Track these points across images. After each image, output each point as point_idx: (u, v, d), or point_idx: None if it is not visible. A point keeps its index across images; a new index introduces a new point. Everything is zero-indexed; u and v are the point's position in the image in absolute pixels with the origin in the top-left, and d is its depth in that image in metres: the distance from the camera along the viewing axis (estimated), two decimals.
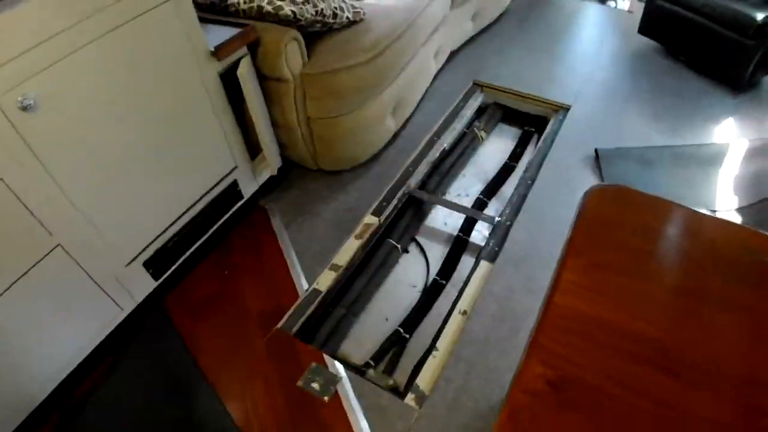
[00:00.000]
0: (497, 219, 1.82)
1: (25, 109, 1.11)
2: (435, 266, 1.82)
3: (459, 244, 1.86)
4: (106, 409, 1.45)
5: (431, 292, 1.73)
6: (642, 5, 2.50)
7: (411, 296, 1.74)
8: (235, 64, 1.58)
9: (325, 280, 1.66)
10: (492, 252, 1.70)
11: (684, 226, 0.77)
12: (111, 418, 1.44)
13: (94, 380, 1.52)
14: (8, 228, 1.18)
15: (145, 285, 1.58)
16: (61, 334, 1.40)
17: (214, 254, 1.80)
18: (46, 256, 1.29)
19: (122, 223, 1.44)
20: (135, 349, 1.56)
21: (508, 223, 1.79)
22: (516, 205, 1.85)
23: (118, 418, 1.43)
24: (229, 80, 1.59)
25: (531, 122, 2.33)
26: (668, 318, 0.66)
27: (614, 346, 0.62)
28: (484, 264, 1.67)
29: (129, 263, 1.50)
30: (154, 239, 1.55)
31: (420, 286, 1.77)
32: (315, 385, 1.43)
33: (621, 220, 0.77)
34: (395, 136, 2.15)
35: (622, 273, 0.70)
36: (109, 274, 1.45)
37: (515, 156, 2.19)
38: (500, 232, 1.76)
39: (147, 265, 1.55)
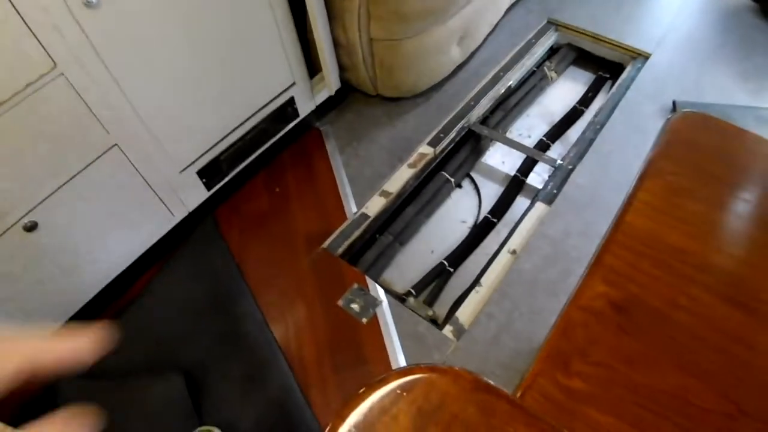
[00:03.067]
0: (559, 162, 1.73)
1: (88, 4, 1.10)
2: (488, 204, 1.76)
3: (515, 185, 1.79)
4: (152, 312, 1.50)
5: (481, 230, 1.68)
6: None
7: (459, 231, 1.70)
8: None
9: (375, 205, 1.64)
10: (550, 194, 1.62)
11: None
12: (155, 322, 1.48)
13: (142, 284, 1.57)
14: (67, 124, 1.19)
15: (197, 194, 1.59)
16: (114, 237, 1.43)
17: (265, 171, 1.80)
18: (103, 154, 1.30)
19: (178, 129, 1.44)
20: (184, 256, 1.59)
21: (571, 167, 1.70)
22: (581, 150, 1.74)
23: (162, 322, 1.48)
24: None
25: (606, 67, 2.17)
26: (748, 252, 0.59)
27: (686, 274, 0.57)
28: (540, 205, 1.60)
29: (183, 170, 1.51)
30: (209, 149, 1.55)
31: (470, 222, 1.72)
32: (355, 306, 1.43)
33: (706, 147, 0.69)
34: (459, 67, 2.05)
35: (701, 200, 0.63)
36: (163, 178, 1.46)
37: (585, 101, 2.06)
38: (561, 176, 1.68)
39: (201, 174, 1.56)
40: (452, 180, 1.78)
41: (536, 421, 0.38)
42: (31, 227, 1.23)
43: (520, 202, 1.75)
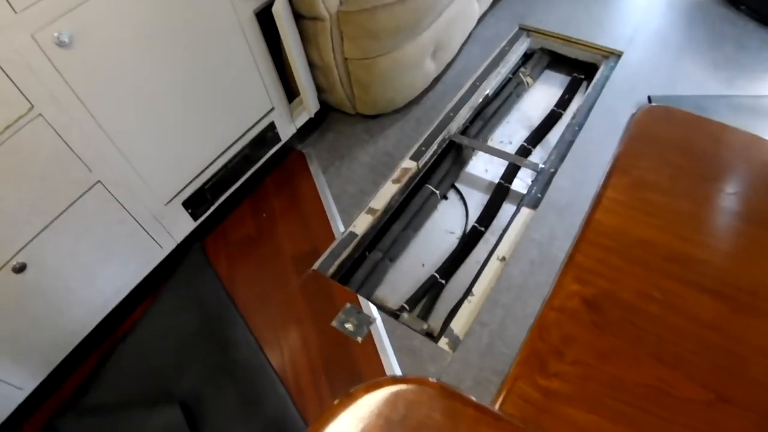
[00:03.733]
0: (541, 166, 1.74)
1: (61, 45, 1.11)
2: (474, 213, 1.78)
3: (500, 192, 1.80)
4: (146, 345, 1.50)
5: (469, 239, 1.69)
6: None
7: (448, 242, 1.71)
8: (271, 2, 1.54)
9: (362, 223, 1.64)
10: (534, 198, 1.63)
11: (738, 147, 0.70)
12: (149, 354, 1.48)
13: (135, 318, 1.57)
14: (49, 164, 1.20)
15: (184, 225, 1.59)
16: (103, 273, 1.43)
17: (251, 197, 1.80)
18: (86, 192, 1.31)
19: (160, 162, 1.44)
20: (174, 287, 1.59)
21: (552, 170, 1.71)
22: (561, 152, 1.76)
23: (156, 354, 1.47)
24: (265, 20, 1.55)
25: (580, 69, 2.21)
26: (718, 240, 0.60)
27: (657, 266, 0.58)
28: (525, 210, 1.61)
29: (168, 202, 1.51)
30: (193, 179, 1.55)
31: (458, 233, 1.73)
32: (348, 326, 1.43)
33: (670, 140, 0.71)
34: (436, 80, 2.07)
35: (668, 193, 0.64)
36: (149, 212, 1.46)
37: (562, 103, 2.09)
38: (544, 179, 1.69)
39: (186, 204, 1.56)
40: (437, 192, 1.79)
41: (505, 423, 0.38)
42: (20, 268, 1.23)
43: (507, 209, 1.76)
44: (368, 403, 0.38)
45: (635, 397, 0.49)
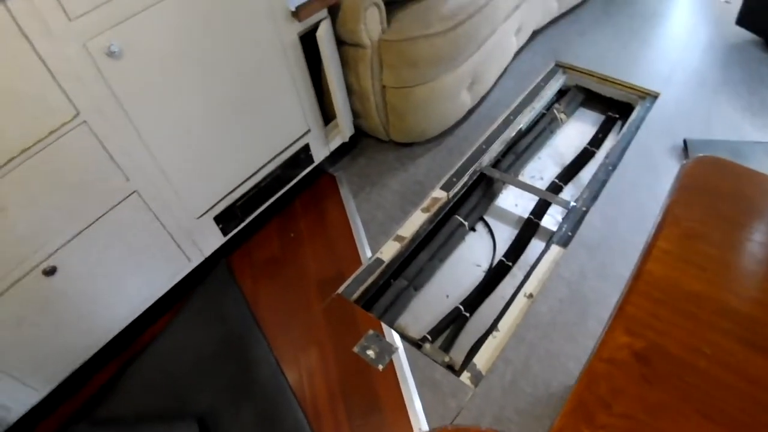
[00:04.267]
0: (572, 204, 1.73)
1: (111, 55, 1.14)
2: (502, 247, 1.76)
3: (529, 227, 1.79)
4: (166, 357, 1.50)
5: (496, 273, 1.67)
6: None
7: (474, 275, 1.69)
8: (315, 27, 1.57)
9: (389, 250, 1.64)
10: (565, 236, 1.62)
11: None
12: (168, 367, 1.48)
13: (156, 329, 1.57)
14: (88, 170, 1.23)
15: (213, 239, 1.61)
16: (130, 282, 1.44)
17: (280, 217, 1.82)
18: (122, 201, 1.33)
19: (196, 176, 1.47)
20: (198, 302, 1.60)
21: (584, 208, 1.70)
22: (594, 191, 1.75)
23: (175, 368, 1.47)
24: (307, 43, 1.58)
25: (615, 107, 2.20)
26: (765, 295, 0.59)
27: (706, 320, 0.56)
28: (555, 248, 1.59)
29: (200, 216, 1.53)
30: (226, 195, 1.57)
31: (485, 266, 1.71)
32: (370, 353, 1.41)
33: (720, 192, 0.69)
34: (470, 112, 2.08)
35: (718, 245, 0.63)
36: (180, 224, 1.48)
37: (596, 141, 2.08)
38: (575, 217, 1.68)
39: (217, 220, 1.58)
40: (466, 223, 1.79)
41: None
42: (50, 272, 1.25)
43: (535, 245, 1.74)
44: None
45: None
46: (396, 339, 1.44)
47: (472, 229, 1.83)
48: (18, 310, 1.24)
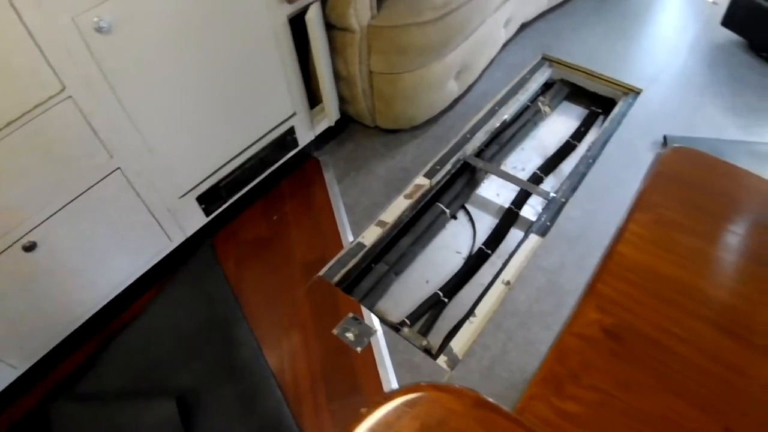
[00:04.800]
0: (552, 194, 1.76)
1: (99, 30, 1.13)
2: (482, 235, 1.79)
3: (509, 217, 1.81)
4: (147, 336, 1.50)
5: (476, 260, 1.70)
6: None
7: (454, 262, 1.72)
8: (304, 10, 1.56)
9: (371, 234, 1.66)
10: (543, 226, 1.65)
11: (761, 194, 0.72)
12: (149, 346, 1.48)
13: (136, 308, 1.57)
14: (73, 146, 1.22)
15: (196, 219, 1.61)
16: (111, 259, 1.44)
17: (263, 199, 1.82)
18: (105, 177, 1.32)
19: (180, 155, 1.46)
20: (181, 281, 1.60)
21: (564, 199, 1.73)
22: (574, 183, 1.78)
23: (156, 346, 1.48)
24: (296, 26, 1.58)
25: (598, 103, 2.23)
26: (736, 282, 0.62)
27: (676, 302, 0.59)
28: (533, 237, 1.62)
29: (183, 195, 1.53)
30: (209, 175, 1.57)
31: (465, 253, 1.74)
32: (349, 335, 1.43)
33: (695, 182, 0.72)
34: (456, 101, 2.10)
35: (690, 233, 0.66)
36: (163, 203, 1.48)
37: (578, 135, 2.11)
38: (554, 208, 1.71)
39: (200, 200, 1.58)
40: (448, 211, 1.81)
41: None
42: (30, 247, 1.24)
43: (514, 234, 1.77)
44: (406, 405, 0.39)
45: (647, 425, 0.50)
46: (375, 322, 1.46)
47: (454, 216, 1.85)
48: (7, 277, 1.24)
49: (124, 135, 1.30)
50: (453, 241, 1.78)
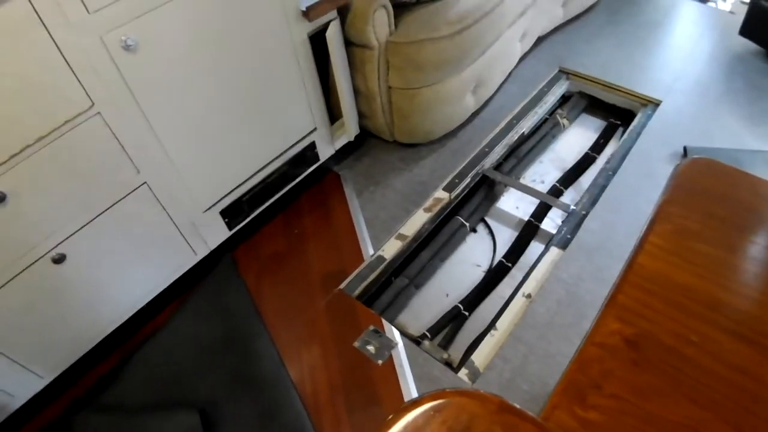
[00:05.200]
0: (572, 207, 1.76)
1: (127, 48, 1.18)
2: (502, 248, 1.79)
3: (529, 230, 1.82)
4: (169, 348, 1.52)
5: (495, 274, 1.70)
6: (745, 7, 2.33)
7: (474, 275, 1.72)
8: (324, 27, 1.60)
9: (391, 248, 1.67)
10: (564, 239, 1.65)
11: None
12: (171, 358, 1.50)
13: (159, 321, 1.60)
14: (101, 161, 1.26)
15: (219, 233, 1.64)
16: (137, 270, 1.47)
17: (284, 213, 1.85)
18: (131, 192, 1.36)
19: (204, 170, 1.50)
20: (202, 294, 1.63)
21: (584, 212, 1.72)
22: (594, 196, 1.78)
23: (178, 359, 1.50)
24: (316, 42, 1.61)
25: (617, 114, 2.23)
26: (753, 290, 0.62)
27: (696, 312, 0.59)
28: (554, 250, 1.62)
29: (207, 210, 1.56)
30: (233, 190, 1.60)
31: (485, 266, 1.74)
32: (370, 348, 1.44)
33: (714, 192, 0.72)
34: (474, 115, 2.12)
35: (710, 242, 0.66)
36: (187, 217, 1.51)
37: (597, 147, 2.11)
38: (574, 221, 1.71)
39: (223, 214, 1.61)
40: (467, 224, 1.82)
41: None
42: (59, 259, 1.28)
43: (534, 247, 1.77)
44: (433, 410, 0.40)
45: None
46: (396, 335, 1.47)
47: (473, 230, 1.86)
48: (26, 296, 1.27)
49: (151, 150, 1.34)
50: (473, 255, 1.79)
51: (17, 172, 1.12)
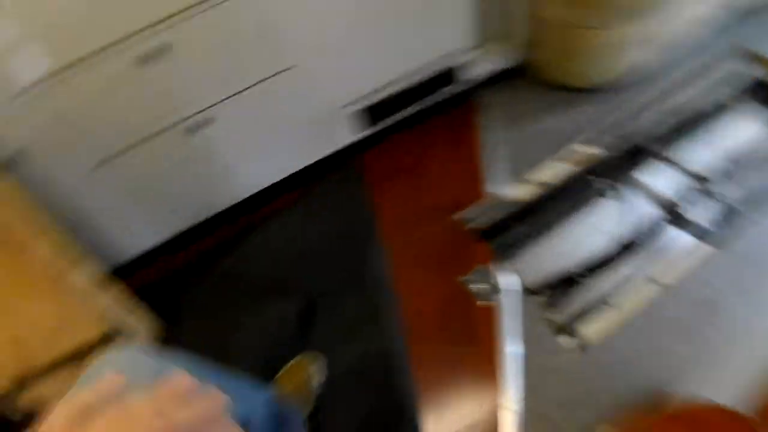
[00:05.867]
0: (731, 202, 1.57)
1: None
2: (636, 223, 1.65)
3: (672, 213, 1.65)
4: (286, 233, 1.54)
5: (624, 248, 1.57)
6: None
7: (602, 243, 1.60)
8: None
9: (520, 191, 1.58)
10: (713, 235, 1.49)
11: None
12: (292, 241, 1.52)
13: (279, 205, 1.61)
14: (257, 37, 1.24)
15: (350, 133, 1.61)
16: (265, 152, 1.49)
17: (417, 129, 1.78)
18: (281, 72, 1.34)
19: (350, 65, 1.46)
20: (326, 190, 1.62)
21: (743, 212, 1.54)
22: (761, 195, 1.58)
23: (294, 245, 1.52)
24: None
25: None
26: None
27: None
28: (697, 244, 1.47)
29: (345, 106, 1.52)
30: (372, 92, 1.55)
31: (613, 237, 1.62)
32: (479, 286, 1.40)
33: None
34: (640, 73, 1.90)
35: None
36: (325, 110, 1.49)
37: None
38: (729, 219, 1.53)
39: (359, 114, 1.56)
40: (606, 188, 1.68)
41: None
42: (203, 124, 1.30)
43: (674, 234, 1.61)
44: None
45: None
46: (506, 281, 1.41)
47: (609, 195, 1.72)
48: (169, 153, 1.32)
49: (304, 35, 1.31)
50: (603, 221, 1.66)
51: (183, 28, 1.12)
